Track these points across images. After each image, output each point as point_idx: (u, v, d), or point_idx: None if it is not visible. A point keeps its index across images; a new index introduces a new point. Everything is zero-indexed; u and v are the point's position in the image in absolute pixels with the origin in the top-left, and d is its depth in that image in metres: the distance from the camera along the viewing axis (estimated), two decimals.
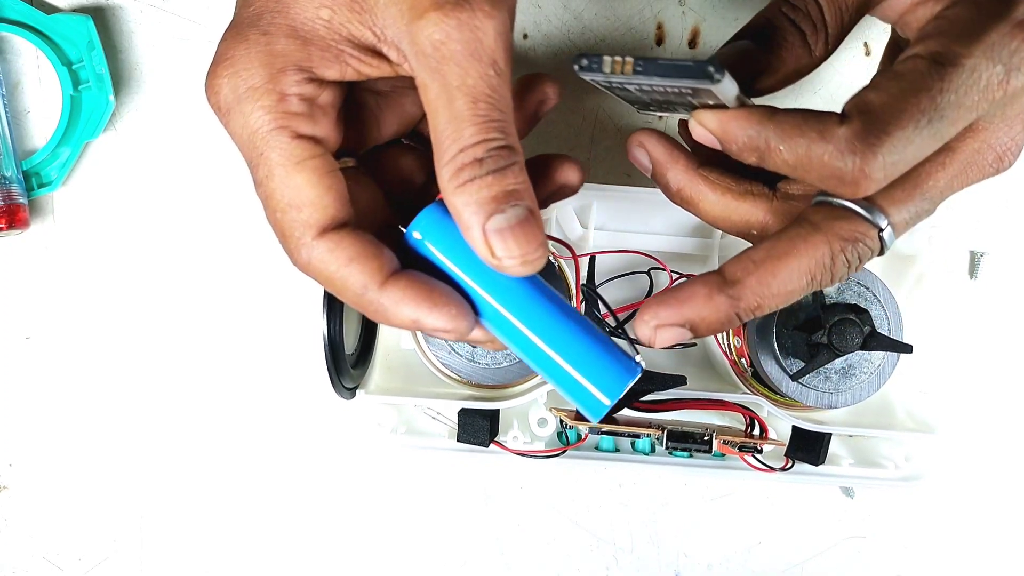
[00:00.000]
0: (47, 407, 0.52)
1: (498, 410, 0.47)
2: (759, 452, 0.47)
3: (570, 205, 0.48)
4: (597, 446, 0.50)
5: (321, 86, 0.31)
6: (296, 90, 0.31)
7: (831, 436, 0.48)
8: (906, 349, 0.44)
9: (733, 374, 0.48)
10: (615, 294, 0.49)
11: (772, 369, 0.45)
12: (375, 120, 0.35)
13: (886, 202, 0.32)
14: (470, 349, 0.46)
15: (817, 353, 0.44)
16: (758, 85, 0.34)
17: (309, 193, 0.30)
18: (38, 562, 0.53)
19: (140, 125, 0.51)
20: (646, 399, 0.46)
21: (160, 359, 0.52)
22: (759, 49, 0.34)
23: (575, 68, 0.31)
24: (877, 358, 0.45)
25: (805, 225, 0.32)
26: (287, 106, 0.30)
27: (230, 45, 0.31)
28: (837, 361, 0.45)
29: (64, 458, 0.52)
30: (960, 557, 0.55)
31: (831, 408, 0.46)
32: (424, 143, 0.37)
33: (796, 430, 0.48)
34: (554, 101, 0.35)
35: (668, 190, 0.36)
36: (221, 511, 0.53)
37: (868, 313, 0.44)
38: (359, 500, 0.53)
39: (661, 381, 0.45)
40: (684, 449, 0.48)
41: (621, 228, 0.49)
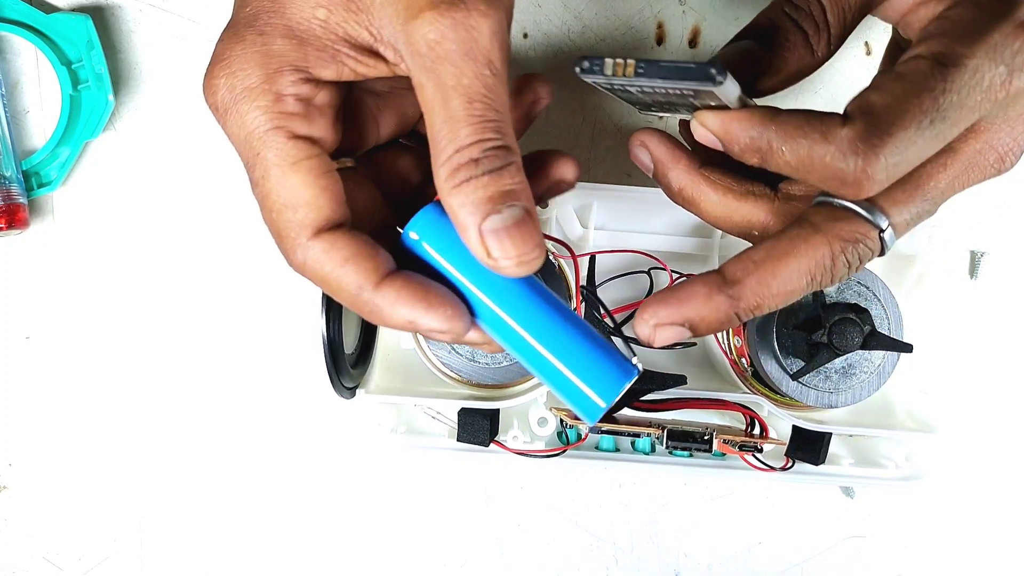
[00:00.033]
0: (47, 407, 0.52)
1: (498, 410, 0.47)
2: (759, 452, 0.47)
3: (570, 205, 0.48)
4: (597, 446, 0.50)
5: (318, 86, 0.31)
6: (292, 90, 0.31)
7: (831, 436, 0.48)
8: (906, 349, 0.44)
9: (733, 374, 0.48)
10: (615, 294, 0.49)
11: (772, 369, 0.45)
12: (374, 120, 0.35)
13: (887, 203, 0.32)
14: (470, 349, 0.46)
15: (817, 352, 0.44)
16: (760, 85, 0.34)
17: (304, 194, 0.30)
18: (38, 562, 0.53)
19: (139, 125, 0.51)
20: (646, 399, 0.46)
21: (160, 359, 0.52)
22: (761, 49, 0.34)
23: (576, 70, 0.31)
24: (877, 358, 0.45)
25: (806, 225, 0.32)
26: (283, 106, 0.30)
27: (227, 45, 0.31)
28: (837, 361, 0.45)
29: (64, 458, 0.52)
30: (960, 557, 0.55)
31: (831, 408, 0.46)
32: (423, 143, 0.37)
33: (796, 430, 0.48)
34: (547, 100, 0.35)
35: (669, 190, 0.36)
36: (221, 511, 0.53)
37: (868, 313, 0.44)
38: (359, 500, 0.53)
39: (661, 381, 0.45)
40: (684, 448, 0.48)
41: (621, 228, 0.49)
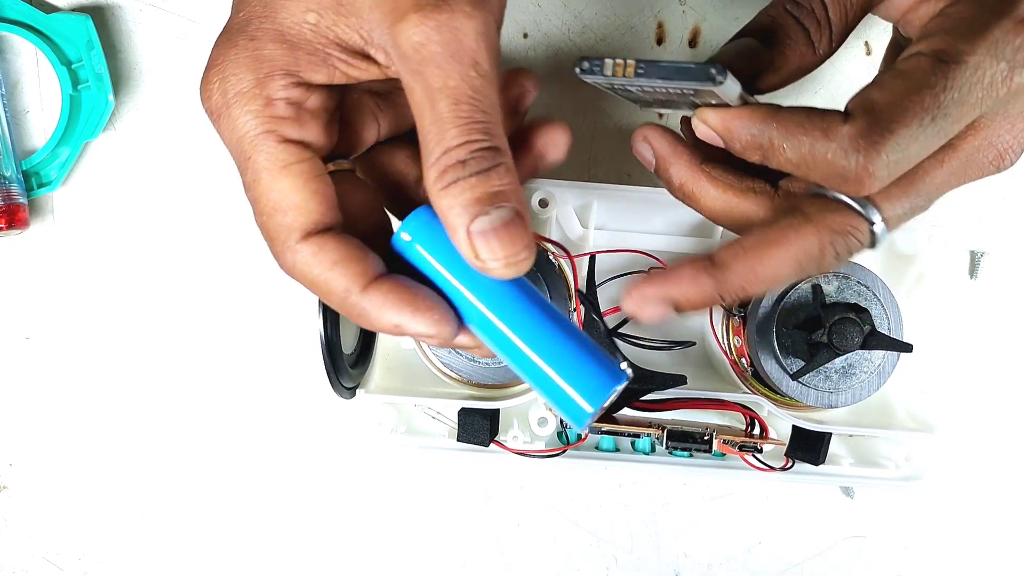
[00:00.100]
0: (47, 407, 0.52)
1: (498, 410, 0.47)
2: (759, 452, 0.47)
3: (570, 205, 0.48)
4: (597, 446, 0.50)
5: (309, 90, 0.31)
6: (283, 94, 0.31)
7: (831, 436, 0.48)
8: (906, 348, 0.44)
9: (733, 374, 0.48)
10: (615, 294, 0.49)
11: (772, 368, 0.45)
12: (374, 120, 0.35)
13: (880, 196, 0.32)
14: None
15: (817, 352, 0.44)
16: (762, 83, 0.34)
17: (294, 197, 0.31)
18: (38, 562, 0.53)
19: (139, 125, 0.51)
20: (646, 398, 0.46)
21: (160, 359, 0.52)
22: (763, 47, 0.34)
23: (576, 71, 0.31)
24: (877, 357, 0.45)
25: (797, 215, 0.32)
26: (274, 110, 0.31)
27: (221, 51, 0.31)
28: (837, 360, 0.45)
29: (64, 458, 0.52)
30: (960, 557, 0.55)
31: (831, 408, 0.46)
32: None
33: (796, 430, 0.48)
34: (534, 94, 0.35)
35: (670, 185, 0.36)
36: (221, 511, 0.53)
37: (868, 312, 0.44)
38: (359, 500, 0.53)
39: (661, 381, 0.45)
40: (684, 449, 0.48)
41: (621, 228, 0.49)
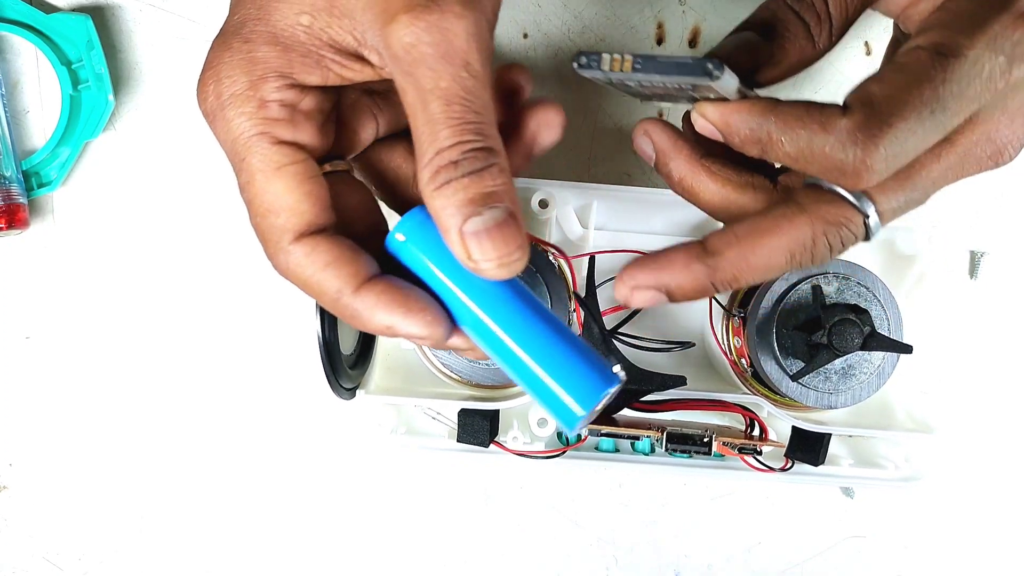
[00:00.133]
0: (47, 407, 0.52)
1: (498, 410, 0.47)
2: (759, 454, 0.47)
3: (570, 205, 0.48)
4: (597, 447, 0.49)
5: (303, 92, 0.31)
6: (276, 96, 0.31)
7: (831, 436, 0.47)
8: (906, 349, 0.44)
9: (733, 374, 0.48)
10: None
11: (772, 369, 0.45)
12: (373, 119, 0.35)
13: (876, 189, 0.31)
14: None
15: (817, 353, 0.44)
16: (761, 76, 0.34)
17: (287, 199, 0.31)
18: (38, 562, 0.53)
19: (139, 125, 0.51)
20: (646, 399, 0.46)
21: (160, 359, 0.52)
22: (762, 40, 0.34)
23: (574, 66, 0.31)
24: (877, 358, 0.45)
25: (792, 205, 0.32)
26: (267, 112, 0.31)
27: (216, 53, 0.31)
28: (837, 361, 0.45)
29: (64, 458, 0.52)
30: (960, 557, 0.55)
31: (831, 408, 0.46)
32: None
33: (796, 430, 0.48)
34: (528, 88, 0.34)
35: (670, 179, 0.36)
36: (221, 511, 0.53)
37: (868, 313, 0.44)
38: (359, 500, 0.53)
39: (661, 381, 0.45)
40: (684, 451, 0.48)
41: (621, 228, 0.49)
